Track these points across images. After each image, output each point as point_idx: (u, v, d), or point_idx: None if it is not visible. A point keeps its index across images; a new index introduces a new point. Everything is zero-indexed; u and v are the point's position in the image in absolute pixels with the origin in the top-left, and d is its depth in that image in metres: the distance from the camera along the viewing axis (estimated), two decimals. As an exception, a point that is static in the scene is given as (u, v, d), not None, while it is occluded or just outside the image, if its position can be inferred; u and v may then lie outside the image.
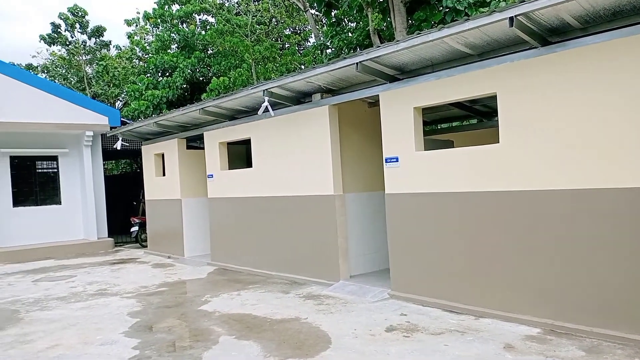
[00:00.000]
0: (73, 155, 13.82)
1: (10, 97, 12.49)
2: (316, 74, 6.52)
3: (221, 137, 9.57)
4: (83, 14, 26.34)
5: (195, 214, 11.05)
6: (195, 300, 6.96)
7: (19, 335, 5.55)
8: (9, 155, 12.86)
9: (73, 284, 8.54)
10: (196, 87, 20.81)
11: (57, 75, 27.81)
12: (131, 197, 15.61)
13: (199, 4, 21.56)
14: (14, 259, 11.78)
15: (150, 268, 10.04)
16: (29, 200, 13.25)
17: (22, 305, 7.10)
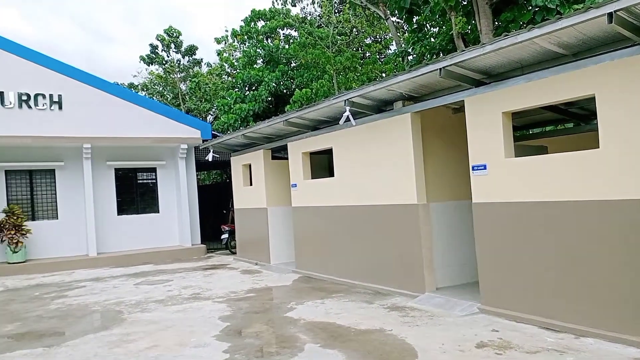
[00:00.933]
0: (169, 166, 14.83)
1: (116, 114, 13.72)
2: (397, 81, 6.47)
3: (304, 147, 9.78)
4: (177, 34, 28.32)
5: (281, 222, 11.36)
6: (281, 306, 7.13)
7: (123, 334, 6.01)
8: (114, 168, 14.09)
9: (170, 288, 9.11)
10: (280, 99, 21.48)
11: (155, 92, 30.05)
12: (221, 206, 16.42)
13: (283, 20, 22.31)
14: (118, 263, 12.84)
15: (239, 274, 10.46)
16: (131, 209, 14.39)
17: (125, 306, 7.69)
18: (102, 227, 13.58)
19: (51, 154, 13.20)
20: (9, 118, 12.43)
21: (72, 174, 13.45)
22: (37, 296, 8.96)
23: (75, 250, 13.27)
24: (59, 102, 13.13)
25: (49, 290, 9.55)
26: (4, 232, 11.94)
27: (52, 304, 8.13)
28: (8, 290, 9.74)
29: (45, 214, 13.26)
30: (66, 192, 13.43)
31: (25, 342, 5.96)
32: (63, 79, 13.23)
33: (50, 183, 13.37)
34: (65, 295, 8.92)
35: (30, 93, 12.78)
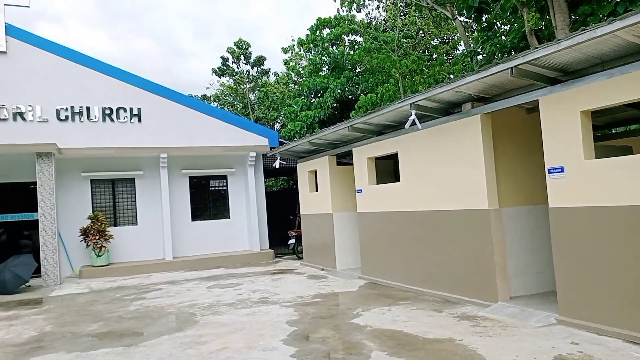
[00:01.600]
0: (239, 174, 15.31)
1: (190, 125, 14.40)
2: (466, 82, 6.26)
3: (369, 153, 9.72)
4: (247, 46, 29.30)
5: (346, 228, 11.35)
6: (347, 312, 7.10)
7: (195, 336, 6.24)
8: (189, 176, 14.76)
9: (240, 292, 9.37)
10: (345, 105, 21.55)
11: (225, 103, 31.24)
12: (288, 212, 16.69)
13: (348, 26, 22.41)
14: (192, 267, 13.39)
15: (305, 279, 10.55)
16: (204, 215, 15.00)
17: (198, 309, 7.99)
18: (177, 232, 14.25)
19: (131, 164, 14.07)
20: (94, 131, 13.42)
21: (150, 182, 14.25)
22: (118, 298, 9.54)
23: (153, 254, 14.02)
24: (139, 115, 13.99)
25: (128, 292, 10.14)
26: (89, 237, 12.84)
27: (132, 306, 8.62)
28: (92, 292, 10.46)
29: (126, 220, 14.14)
30: (145, 200, 14.25)
31: (107, 341, 6.35)
32: (142, 93, 14.09)
33: (130, 191, 14.24)
34: (144, 297, 9.42)
35: (113, 107, 13.73)
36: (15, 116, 12.75)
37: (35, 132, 12.74)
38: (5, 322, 7.79)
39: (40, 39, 13.38)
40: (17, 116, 12.77)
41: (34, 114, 12.92)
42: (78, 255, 13.26)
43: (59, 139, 12.67)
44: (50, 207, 11.91)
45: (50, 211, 11.90)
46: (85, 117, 13.43)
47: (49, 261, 11.76)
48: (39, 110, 12.95)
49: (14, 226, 13.89)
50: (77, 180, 13.54)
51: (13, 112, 12.73)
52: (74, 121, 13.33)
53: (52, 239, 11.86)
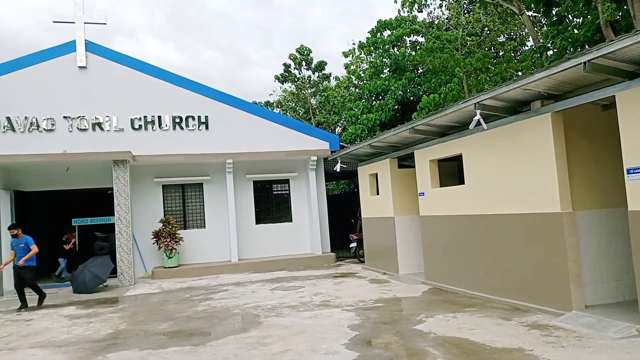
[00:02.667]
0: (301, 178, 15.50)
1: (254, 131, 14.78)
2: (535, 79, 5.97)
3: (431, 155, 9.50)
4: (308, 52, 29.70)
5: (408, 232, 11.15)
6: (410, 318, 6.96)
7: (259, 337, 6.37)
8: (253, 180, 15.14)
9: (302, 294, 9.46)
10: (407, 107, 21.23)
11: (288, 108, 31.80)
12: (350, 215, 16.67)
13: (409, 27, 22.09)
14: (256, 269, 13.71)
15: (367, 283, 10.48)
16: (267, 218, 15.31)
17: (262, 310, 8.16)
18: (242, 235, 14.65)
19: (199, 170, 14.64)
20: (165, 139, 14.12)
21: (217, 187, 14.76)
22: (187, 298, 9.94)
23: (220, 256, 14.49)
24: (206, 122, 14.56)
25: (197, 292, 10.53)
26: (161, 239, 13.50)
27: (200, 306, 8.94)
28: (163, 292, 10.97)
29: (195, 223, 14.72)
30: (212, 204, 14.77)
31: (176, 339, 6.63)
32: (209, 101, 14.66)
33: (199, 195, 14.83)
34: (211, 298, 9.75)
35: (182, 116, 14.38)
36: (94, 126, 13.69)
37: (112, 140, 13.61)
38: (85, 320, 8.34)
39: (116, 54, 14.29)
40: (95, 126, 13.70)
41: (110, 124, 13.80)
42: (151, 256, 13.99)
43: (134, 147, 13.45)
44: (126, 211, 12.64)
45: (125, 215, 12.63)
46: (157, 126, 14.17)
47: (124, 262, 12.48)
48: (115, 121, 13.83)
49: (93, 229, 14.87)
50: (150, 186, 14.29)
51: (92, 123, 13.67)
52: (147, 130, 14.09)
53: (127, 241, 12.58)
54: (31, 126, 13.27)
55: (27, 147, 12.78)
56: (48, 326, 7.94)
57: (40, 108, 13.36)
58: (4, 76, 13.30)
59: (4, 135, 13.07)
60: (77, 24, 13.83)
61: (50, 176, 13.55)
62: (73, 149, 12.99)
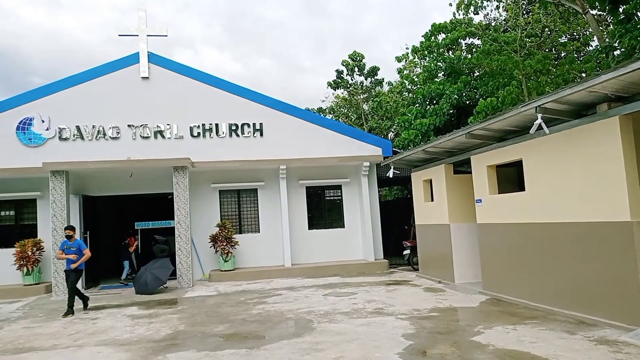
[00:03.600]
0: (353, 184, 15.48)
1: (306, 137, 14.93)
2: (602, 81, 5.66)
3: (489, 160, 9.21)
4: (360, 58, 29.70)
5: (465, 240, 10.85)
6: (467, 329, 6.76)
7: (313, 343, 6.39)
8: (305, 186, 15.27)
9: (355, 301, 9.41)
10: (463, 111, 20.73)
11: (340, 114, 31.88)
12: (403, 222, 16.44)
13: (465, 29, 21.60)
14: (309, 274, 13.78)
15: (421, 291, 10.28)
16: (320, 224, 15.38)
17: (315, 316, 8.18)
18: (295, 240, 14.80)
19: (254, 175, 14.96)
20: (222, 146, 14.54)
21: (271, 193, 15.02)
22: (242, 301, 10.14)
23: (273, 260, 14.70)
24: (261, 129, 14.86)
25: (252, 296, 10.72)
26: (217, 243, 13.87)
27: (254, 309, 9.10)
28: (220, 295, 11.24)
29: (250, 228, 15.02)
30: (266, 209, 15.03)
31: (232, 342, 6.77)
32: (264, 109, 14.97)
33: (253, 201, 15.13)
34: (265, 301, 9.90)
35: (238, 123, 14.76)
36: (156, 134, 14.31)
37: (172, 148, 14.17)
38: (147, 320, 8.69)
39: (176, 64, 14.90)
40: (157, 134, 14.32)
41: (171, 132, 14.38)
42: (208, 260, 14.41)
43: (192, 154, 13.93)
44: (185, 215, 13.10)
45: (184, 219, 13.09)
46: (214, 133, 14.62)
47: (183, 265, 12.91)
48: (175, 129, 14.39)
49: (154, 232, 15.52)
50: (207, 191, 14.74)
51: (154, 131, 14.30)
52: (205, 137, 14.57)
53: (186, 244, 13.02)
54: (98, 134, 14.06)
55: (94, 155, 13.55)
56: (112, 325, 8.34)
57: (106, 117, 14.14)
58: (74, 87, 14.18)
59: (74, 143, 13.92)
60: (140, 36, 14.55)
61: (115, 182, 14.27)
62: (136, 156, 13.63)
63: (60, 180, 12.60)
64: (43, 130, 13.84)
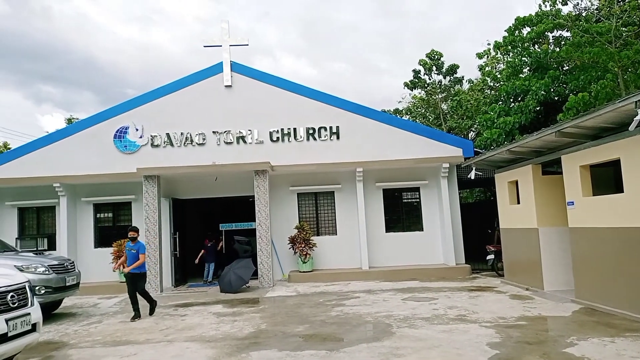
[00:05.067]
0: (432, 186, 15.10)
1: (383, 139, 14.83)
2: None
3: (582, 160, 8.58)
4: (438, 56, 28.96)
5: (555, 245, 10.19)
6: (559, 340, 6.33)
7: (392, 348, 6.30)
8: (382, 188, 15.14)
9: (435, 307, 9.17)
10: (551, 108, 19.50)
11: (417, 115, 31.28)
12: (486, 225, 15.77)
13: (552, 21, 20.33)
14: (387, 278, 13.63)
15: (507, 299, 9.79)
16: (397, 227, 15.17)
17: (394, 320, 8.07)
18: (372, 243, 14.72)
19: (331, 178, 15.09)
20: (300, 150, 14.83)
21: (347, 195, 15.06)
22: (321, 302, 10.24)
23: (350, 263, 14.72)
24: (337, 132, 14.98)
25: (330, 298, 10.81)
26: (296, 245, 14.15)
27: (333, 311, 9.15)
28: (299, 295, 11.45)
29: (327, 230, 15.17)
30: (343, 211, 15.10)
31: (312, 343, 6.86)
32: (340, 112, 15.07)
33: (330, 203, 15.27)
34: (343, 304, 9.93)
35: (315, 127, 14.98)
36: (238, 139, 14.91)
37: (253, 152, 14.67)
38: (231, 318, 9.05)
39: (256, 72, 15.43)
40: (239, 139, 14.91)
41: (252, 137, 14.91)
42: (287, 261, 14.74)
43: (272, 158, 14.34)
44: (265, 217, 13.51)
45: (265, 221, 13.50)
46: (292, 138, 14.96)
47: (264, 265, 13.31)
48: (256, 134, 14.90)
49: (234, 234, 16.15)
50: (286, 194, 15.10)
51: (237, 137, 14.90)
52: (284, 142, 14.94)
53: (267, 245, 13.41)
54: (186, 141, 14.90)
55: (182, 160, 14.37)
56: (199, 322, 8.78)
57: (193, 124, 14.96)
58: (164, 97, 15.16)
59: (165, 149, 14.87)
60: (223, 47, 15.25)
61: (201, 185, 15.04)
62: (220, 161, 14.27)
63: (152, 184, 13.50)
64: (137, 138, 14.93)
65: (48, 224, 15.24)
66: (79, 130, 15.22)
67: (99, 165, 14.54)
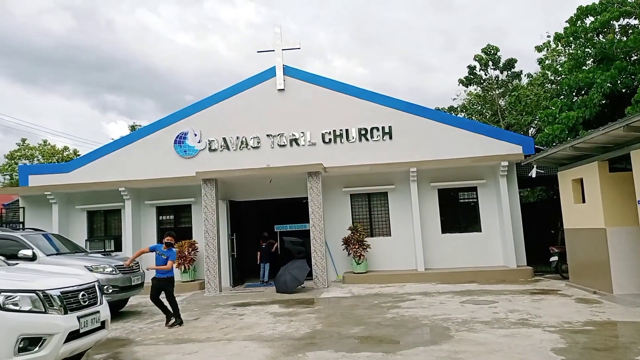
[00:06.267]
0: (490, 185, 14.62)
1: (437, 138, 14.58)
2: None
3: (655, 156, 8.02)
4: (495, 51, 28.03)
5: (625, 246, 9.59)
6: (631, 347, 5.96)
7: (451, 352, 6.16)
8: (437, 188, 14.83)
9: (495, 310, 8.87)
10: (618, 101, 18.37)
11: (473, 112, 30.38)
12: (548, 226, 15.08)
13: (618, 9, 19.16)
14: (443, 280, 13.33)
15: (572, 302, 9.32)
16: (454, 228, 14.79)
17: (452, 323, 7.89)
18: (427, 244, 14.43)
19: (384, 179, 14.95)
20: (352, 151, 14.85)
21: (401, 196, 14.86)
22: (376, 304, 10.18)
23: (405, 264, 14.51)
24: (390, 132, 14.87)
25: (385, 300, 10.71)
26: (350, 246, 14.13)
27: (388, 313, 9.07)
28: (354, 297, 11.43)
29: (381, 231, 15.04)
30: (397, 212, 14.92)
31: (367, 345, 6.83)
32: (392, 112, 14.95)
33: (383, 204, 15.13)
34: (399, 306, 9.81)
35: (367, 128, 14.95)
36: (291, 142, 15.14)
37: (306, 154, 14.83)
38: (287, 318, 9.18)
39: (308, 75, 15.61)
40: (292, 142, 15.14)
41: (304, 139, 15.09)
42: (341, 262, 14.75)
43: (324, 159, 14.42)
44: (319, 218, 13.59)
45: (318, 222, 13.59)
46: (344, 139, 15.00)
47: (318, 266, 13.39)
48: (308, 136, 15.07)
49: (291, 234, 16.35)
50: (339, 195, 15.12)
51: (290, 139, 15.14)
52: (336, 143, 15.02)
53: (321, 247, 13.49)
54: (241, 145, 15.31)
55: (238, 163, 14.74)
56: (257, 321, 8.97)
57: (248, 129, 15.34)
58: (220, 103, 15.66)
59: (221, 153, 15.34)
60: (276, 51, 15.54)
61: (256, 188, 15.35)
62: (274, 164, 14.52)
63: (210, 187, 13.94)
64: (195, 143, 15.49)
65: (114, 226, 16.08)
66: (142, 136, 16.01)
67: (160, 170, 15.20)
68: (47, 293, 5.17)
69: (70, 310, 5.35)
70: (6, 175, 38.77)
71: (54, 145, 40.48)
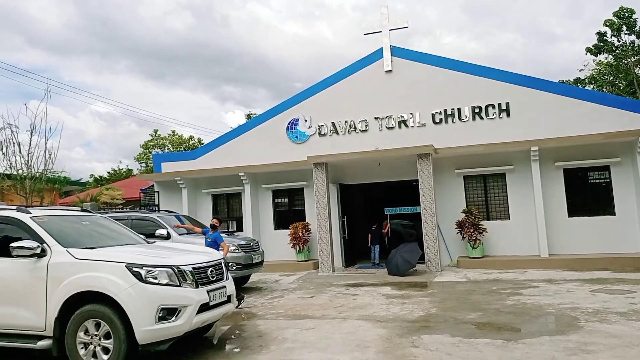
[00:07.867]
0: (625, 163, 13.11)
1: (561, 114, 13.41)
2: None
3: None
4: (630, 14, 24.90)
5: None
6: None
7: (580, 343, 5.71)
8: (563, 168, 13.65)
9: (632, 300, 8.02)
10: None
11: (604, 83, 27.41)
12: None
13: None
14: (570, 267, 12.30)
15: None
16: (582, 211, 13.52)
17: (580, 313, 7.29)
18: (552, 228, 13.38)
19: (501, 159, 14.10)
20: (464, 130, 14.24)
21: (521, 177, 13.92)
22: (494, 290, 9.73)
23: (526, 250, 13.62)
24: (507, 109, 13.99)
25: (504, 286, 10.19)
26: (464, 229, 13.62)
27: (508, 300, 8.63)
28: (469, 282, 11.03)
29: (498, 215, 14.26)
30: (516, 194, 14.02)
31: (485, 331, 6.58)
32: (509, 87, 14.02)
33: (501, 186, 14.30)
34: (520, 293, 9.28)
35: (481, 105, 14.21)
36: (399, 124, 14.92)
37: (415, 136, 14.52)
38: (399, 300, 9.16)
39: (416, 54, 15.19)
40: (401, 124, 14.91)
41: (414, 120, 14.79)
42: (455, 246, 14.29)
43: (435, 140, 13.99)
44: (430, 201, 13.28)
45: (430, 205, 13.28)
46: (457, 118, 14.43)
47: (431, 250, 13.13)
48: (417, 117, 14.74)
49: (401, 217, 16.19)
50: (451, 177, 14.60)
51: (398, 121, 14.93)
52: (447, 123, 14.50)
53: (433, 230, 13.19)
54: (350, 129, 15.44)
55: (347, 147, 14.88)
56: (369, 302, 9.08)
57: (356, 112, 15.41)
58: (328, 88, 15.90)
59: (331, 137, 15.62)
60: (383, 32, 15.33)
61: (365, 171, 15.41)
62: (383, 146, 14.42)
63: (321, 171, 14.28)
64: (306, 129, 15.95)
65: (236, 209, 17.20)
66: (257, 124, 16.88)
67: (274, 155, 15.91)
68: (181, 268, 5.69)
69: (201, 285, 5.85)
70: (142, 163, 43.39)
71: (181, 135, 44.35)
